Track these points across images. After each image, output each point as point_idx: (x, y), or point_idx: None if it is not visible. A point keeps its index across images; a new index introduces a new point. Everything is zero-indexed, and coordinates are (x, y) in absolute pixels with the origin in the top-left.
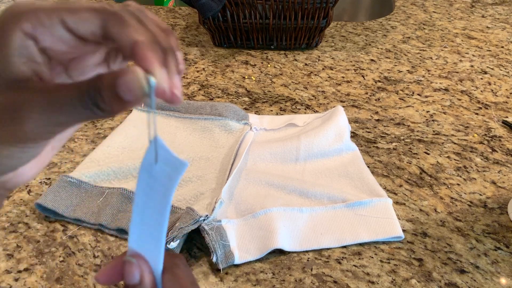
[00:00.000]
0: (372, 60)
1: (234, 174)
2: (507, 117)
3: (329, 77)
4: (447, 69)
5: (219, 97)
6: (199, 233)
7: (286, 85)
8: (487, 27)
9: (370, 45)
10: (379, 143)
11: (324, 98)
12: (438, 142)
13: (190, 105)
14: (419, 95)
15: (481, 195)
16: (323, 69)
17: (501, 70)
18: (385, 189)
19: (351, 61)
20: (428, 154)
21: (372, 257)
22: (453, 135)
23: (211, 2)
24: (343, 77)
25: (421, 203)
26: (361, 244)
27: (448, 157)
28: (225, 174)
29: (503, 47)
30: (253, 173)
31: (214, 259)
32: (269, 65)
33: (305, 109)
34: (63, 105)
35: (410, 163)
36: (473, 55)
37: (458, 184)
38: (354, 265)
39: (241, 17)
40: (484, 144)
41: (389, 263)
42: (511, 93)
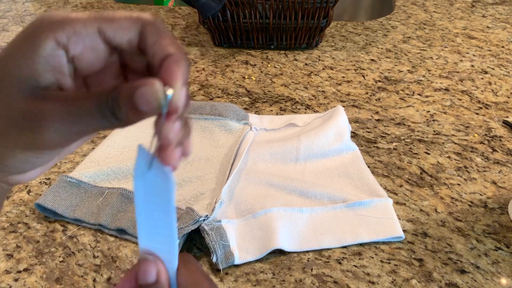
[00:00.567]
0: (372, 60)
1: (234, 174)
2: (507, 117)
3: (329, 77)
4: (447, 69)
5: (219, 97)
6: (199, 233)
7: (286, 85)
8: (488, 27)
9: (370, 45)
10: (380, 143)
11: (324, 98)
12: (438, 142)
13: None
14: (419, 95)
15: (481, 195)
16: (323, 69)
17: (501, 70)
18: (385, 189)
19: (352, 61)
20: (428, 154)
21: (372, 257)
22: (453, 135)
23: (211, 2)
24: (344, 77)
25: (421, 203)
26: (361, 244)
27: (448, 157)
28: (225, 174)
29: (503, 47)
30: (253, 173)
31: (214, 259)
32: (269, 65)
33: (305, 109)
34: (82, 115)
35: (410, 163)
36: (474, 55)
37: (458, 184)
38: (354, 265)
39: (241, 17)
40: (484, 144)
41: (389, 263)
42: (511, 93)
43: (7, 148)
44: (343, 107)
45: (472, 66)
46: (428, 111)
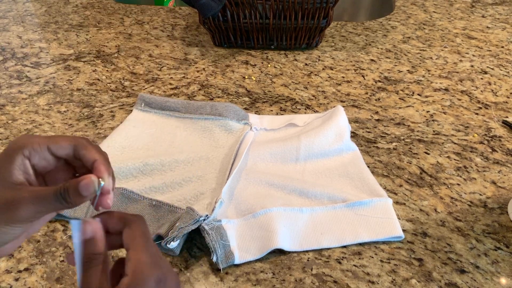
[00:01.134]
0: (372, 60)
1: (234, 174)
2: (507, 117)
3: (329, 77)
4: (447, 69)
5: (219, 97)
6: (199, 233)
7: (286, 85)
8: (487, 27)
9: (370, 45)
10: (379, 143)
11: (324, 98)
12: (438, 142)
13: (190, 105)
14: (419, 95)
15: (481, 195)
16: (323, 69)
17: (501, 70)
18: (385, 189)
19: (351, 61)
20: (428, 154)
21: (372, 257)
22: (453, 135)
23: (211, 2)
24: (343, 77)
25: (421, 203)
26: (361, 244)
27: (448, 157)
28: (225, 174)
29: (503, 47)
30: (253, 173)
31: (214, 259)
32: (269, 65)
33: (305, 109)
34: (44, 199)
35: (410, 163)
36: (473, 55)
37: (458, 184)
38: (354, 265)
39: (241, 17)
40: (484, 144)
41: (389, 263)
42: (511, 93)
43: None
44: (343, 107)
45: (471, 66)
46: (427, 111)
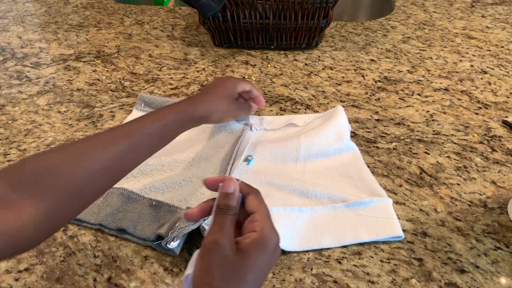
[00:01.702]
0: (372, 60)
1: (234, 174)
2: (507, 117)
3: (329, 77)
4: (447, 69)
5: None
6: (199, 233)
7: (286, 85)
8: (487, 27)
9: (370, 45)
10: (379, 143)
11: (324, 98)
12: (438, 142)
13: None
14: (419, 95)
15: (481, 195)
16: (323, 69)
17: (501, 70)
18: (385, 189)
19: (351, 61)
20: (428, 154)
21: (372, 257)
22: (453, 135)
23: (211, 2)
24: (343, 77)
25: (421, 203)
26: (361, 244)
27: (448, 157)
28: (225, 174)
29: (503, 47)
30: (253, 173)
31: None
32: (269, 65)
33: (305, 109)
34: (246, 112)
35: (410, 163)
36: (473, 55)
37: (458, 184)
38: (354, 265)
39: (241, 17)
40: (484, 144)
41: (389, 263)
42: (511, 93)
43: (229, 115)
44: (343, 107)
45: (471, 66)
46: (427, 111)
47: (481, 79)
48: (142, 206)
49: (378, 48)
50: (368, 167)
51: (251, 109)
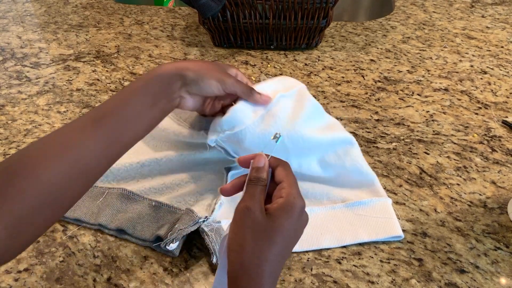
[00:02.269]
0: (372, 60)
1: (233, 174)
2: (506, 117)
3: (329, 77)
4: (447, 69)
5: None
6: (199, 233)
7: None
8: (487, 27)
9: (370, 45)
10: (379, 143)
11: (324, 98)
12: (438, 142)
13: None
14: (419, 95)
15: (481, 195)
16: (323, 69)
17: (501, 70)
18: (385, 189)
19: (351, 61)
20: (428, 154)
21: (372, 257)
22: (453, 135)
23: (211, 2)
24: (343, 77)
25: (421, 203)
26: (361, 244)
27: (448, 157)
28: (224, 174)
29: (503, 47)
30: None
31: (213, 260)
32: (269, 65)
33: None
34: (243, 87)
35: (410, 163)
36: (473, 55)
37: (458, 184)
38: (354, 265)
39: (241, 17)
40: (484, 144)
41: (389, 263)
42: (511, 93)
43: (212, 75)
44: (343, 107)
45: (471, 66)
46: (427, 111)
47: (481, 79)
48: (141, 206)
49: (378, 48)
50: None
51: (242, 85)
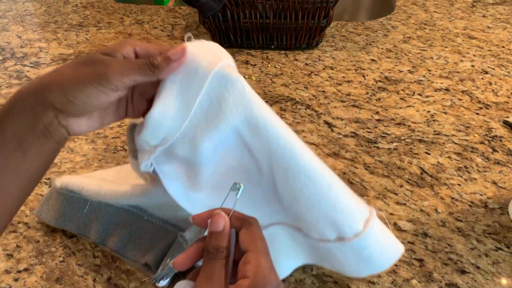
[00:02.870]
0: (372, 60)
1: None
2: (508, 117)
3: (330, 77)
4: (448, 69)
5: None
6: None
7: (286, 85)
8: (488, 27)
9: (370, 45)
10: (380, 143)
11: (324, 98)
12: (439, 142)
13: None
14: (419, 95)
15: (482, 195)
16: (324, 69)
17: (502, 70)
18: (385, 189)
19: (352, 61)
20: (428, 154)
21: None
22: (454, 135)
23: (211, 1)
24: (344, 77)
25: (421, 203)
26: None
27: (449, 157)
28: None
29: (504, 47)
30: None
31: None
32: (269, 65)
33: (306, 109)
34: (135, 63)
35: (410, 163)
36: (474, 55)
37: (459, 184)
38: None
39: (241, 17)
40: (485, 144)
41: None
42: (511, 93)
43: (83, 83)
44: (344, 107)
45: (472, 66)
46: (428, 111)
47: (482, 79)
48: (133, 217)
49: (378, 48)
50: (368, 167)
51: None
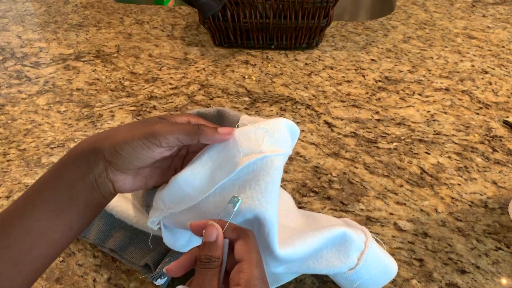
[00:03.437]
0: (372, 59)
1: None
2: (508, 117)
3: (330, 77)
4: (447, 69)
5: (219, 97)
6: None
7: (286, 85)
8: (488, 27)
9: (370, 44)
10: (380, 143)
11: (324, 98)
12: (438, 142)
13: None
14: (419, 95)
15: (481, 195)
16: (324, 68)
17: (502, 70)
18: (385, 189)
19: (352, 61)
20: (428, 154)
21: None
22: (453, 135)
23: (211, 1)
24: (344, 77)
25: (421, 203)
26: None
27: (448, 157)
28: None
29: (504, 47)
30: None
31: None
32: (269, 65)
33: (306, 109)
34: (180, 124)
35: (410, 163)
36: (474, 55)
37: (458, 184)
38: None
39: (241, 17)
40: (485, 144)
41: None
42: (511, 93)
43: (132, 137)
44: (344, 107)
45: (472, 66)
46: (428, 111)
47: (482, 79)
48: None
49: (378, 47)
50: (368, 167)
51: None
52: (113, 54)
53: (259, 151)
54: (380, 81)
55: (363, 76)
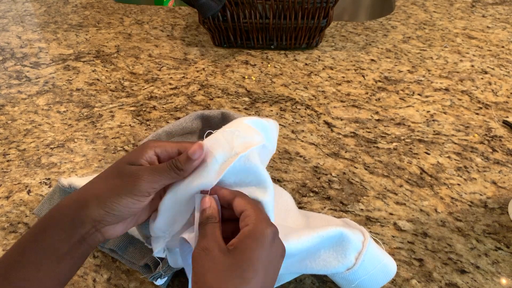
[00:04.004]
0: (372, 60)
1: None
2: (507, 117)
3: (330, 77)
4: (447, 69)
5: (219, 97)
6: None
7: (286, 85)
8: (488, 27)
9: (370, 45)
10: (380, 143)
11: (324, 98)
12: (438, 142)
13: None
14: (419, 95)
15: (481, 195)
16: (323, 69)
17: (501, 70)
18: (385, 189)
19: (352, 61)
20: (428, 154)
21: None
22: (453, 135)
23: (211, 1)
24: (344, 77)
25: (421, 203)
26: None
27: (448, 157)
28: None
29: (503, 47)
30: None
31: None
32: (269, 65)
33: (305, 109)
34: (159, 170)
35: (410, 163)
36: (474, 55)
37: (458, 184)
38: None
39: (241, 17)
40: (484, 144)
41: None
42: (511, 93)
43: (118, 195)
44: (344, 107)
45: (472, 66)
46: (428, 111)
47: (482, 79)
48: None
49: (378, 48)
50: (368, 167)
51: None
52: (113, 54)
53: (234, 154)
54: (379, 81)
55: (363, 76)
